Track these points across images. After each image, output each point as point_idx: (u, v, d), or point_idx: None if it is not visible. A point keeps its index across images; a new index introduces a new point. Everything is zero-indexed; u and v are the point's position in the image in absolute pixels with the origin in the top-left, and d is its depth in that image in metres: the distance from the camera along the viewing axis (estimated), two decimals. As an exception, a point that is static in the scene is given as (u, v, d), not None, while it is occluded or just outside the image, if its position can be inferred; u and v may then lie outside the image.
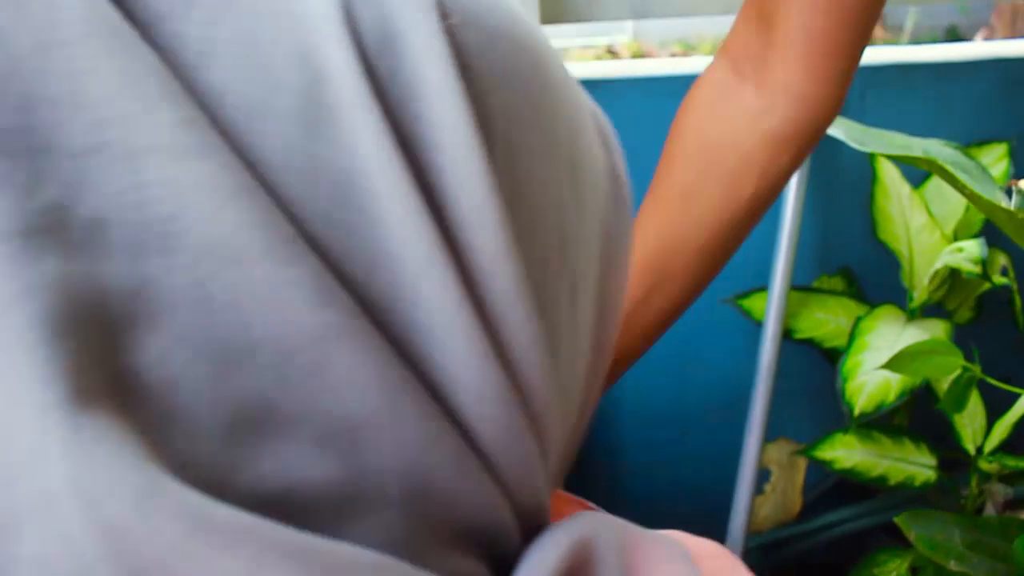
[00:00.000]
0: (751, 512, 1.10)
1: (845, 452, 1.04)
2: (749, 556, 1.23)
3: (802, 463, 1.20)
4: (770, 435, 1.13)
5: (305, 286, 0.19)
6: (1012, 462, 1.00)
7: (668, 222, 0.62)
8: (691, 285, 0.63)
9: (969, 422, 1.01)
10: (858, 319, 1.01)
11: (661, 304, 0.63)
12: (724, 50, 0.62)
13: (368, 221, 0.20)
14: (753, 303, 1.06)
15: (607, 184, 0.29)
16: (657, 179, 0.64)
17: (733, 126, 0.60)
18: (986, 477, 1.06)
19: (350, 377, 0.19)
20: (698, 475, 1.22)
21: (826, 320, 1.06)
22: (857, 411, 0.92)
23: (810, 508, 1.22)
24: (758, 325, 1.05)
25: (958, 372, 0.85)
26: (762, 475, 1.19)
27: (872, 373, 0.92)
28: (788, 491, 1.19)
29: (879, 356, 0.89)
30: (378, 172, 0.20)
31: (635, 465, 1.25)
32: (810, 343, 1.06)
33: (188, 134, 0.19)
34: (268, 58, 0.20)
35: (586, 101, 0.29)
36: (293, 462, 0.19)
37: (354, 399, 0.19)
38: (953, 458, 1.08)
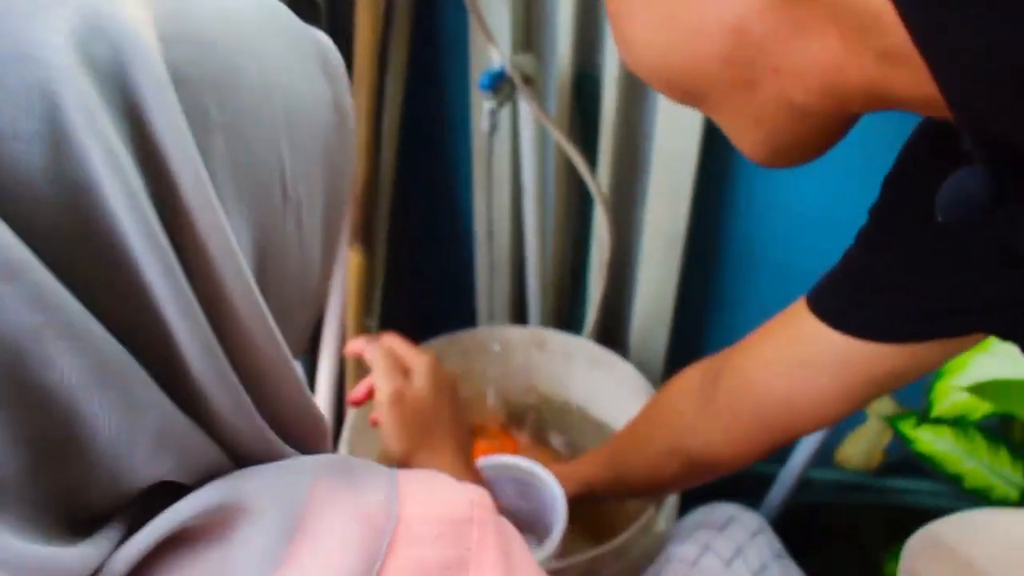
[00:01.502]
0: (823, 443, 1.10)
1: (932, 436, 1.01)
2: (810, 485, 1.25)
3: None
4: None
5: (23, 296, 0.25)
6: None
7: (620, 453, 0.83)
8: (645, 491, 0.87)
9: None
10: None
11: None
12: (702, 366, 0.74)
13: (101, 219, 0.26)
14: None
15: (329, 116, 0.36)
16: (629, 424, 0.83)
17: (674, 427, 0.75)
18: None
19: (68, 363, 0.25)
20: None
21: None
22: (934, 413, 0.89)
23: (892, 466, 1.21)
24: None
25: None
26: (858, 417, 1.18)
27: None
28: (874, 442, 1.18)
29: (977, 370, 0.85)
30: (107, 177, 0.26)
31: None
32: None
33: None
34: (14, 94, 0.25)
35: (306, 46, 0.36)
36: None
37: (69, 378, 0.26)
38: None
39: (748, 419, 0.68)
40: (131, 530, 0.28)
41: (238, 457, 0.32)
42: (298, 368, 0.37)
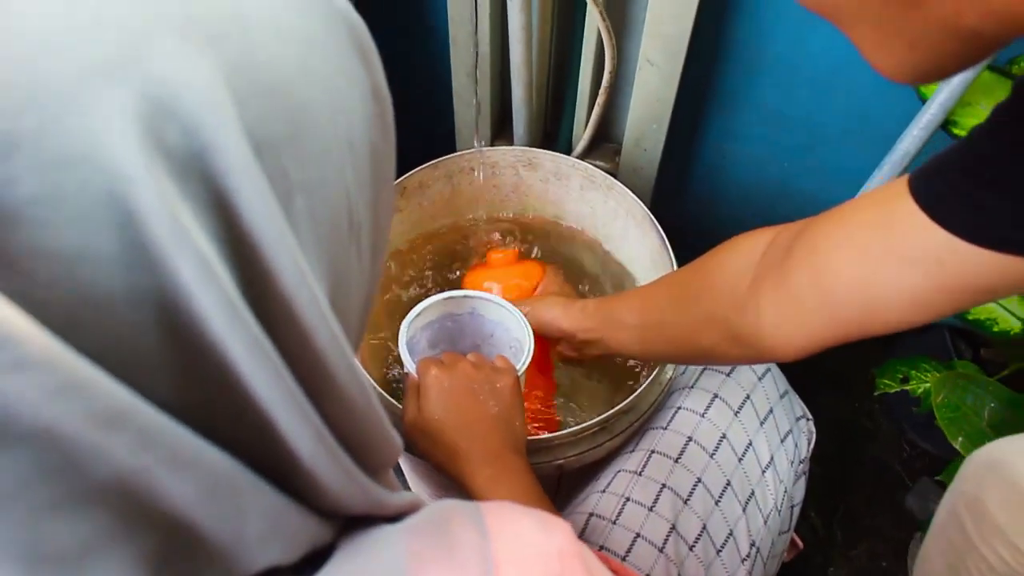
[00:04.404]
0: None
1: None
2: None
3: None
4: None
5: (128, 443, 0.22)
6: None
7: (652, 309, 0.78)
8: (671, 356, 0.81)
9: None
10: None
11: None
12: (775, 231, 0.65)
13: (200, 337, 0.22)
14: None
15: (371, 106, 0.32)
16: (667, 278, 0.79)
17: (724, 296, 0.67)
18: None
19: (179, 491, 0.23)
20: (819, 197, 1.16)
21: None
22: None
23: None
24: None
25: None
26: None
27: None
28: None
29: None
30: (202, 291, 0.22)
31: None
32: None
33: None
34: (77, 205, 0.20)
35: (341, 30, 0.30)
36: None
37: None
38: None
39: (813, 307, 0.59)
40: None
41: (335, 514, 0.31)
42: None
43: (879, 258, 0.53)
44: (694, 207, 1.33)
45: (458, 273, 1.09)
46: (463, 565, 0.33)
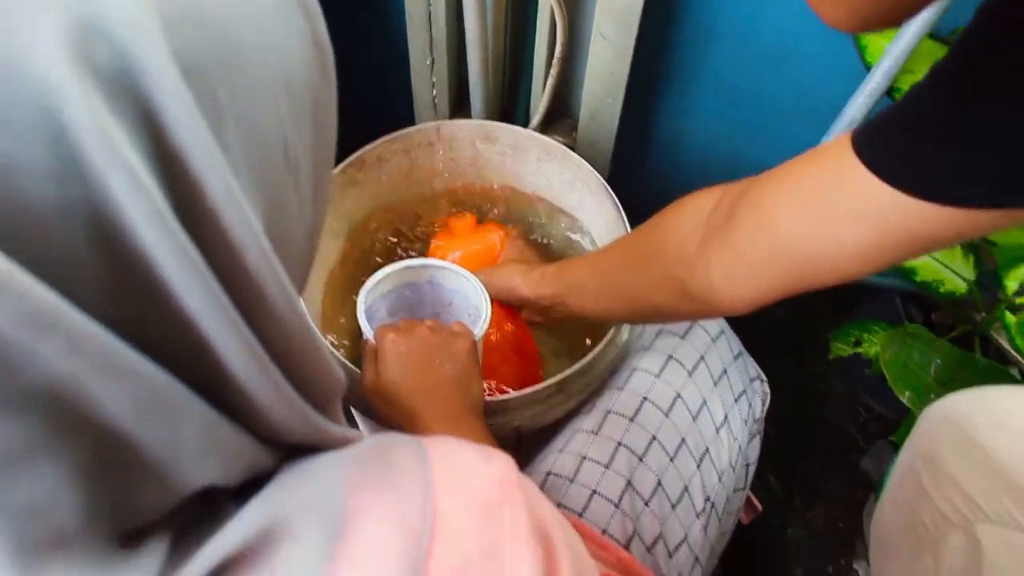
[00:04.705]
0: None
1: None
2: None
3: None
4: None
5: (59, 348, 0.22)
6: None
7: (607, 270, 0.80)
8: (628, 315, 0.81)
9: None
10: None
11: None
12: (721, 190, 0.67)
13: (130, 249, 0.23)
14: (872, 43, 0.94)
15: (311, 53, 0.33)
16: (620, 241, 0.80)
17: (674, 256, 0.68)
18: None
19: (112, 400, 0.24)
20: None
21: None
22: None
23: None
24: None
25: None
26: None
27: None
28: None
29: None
30: (131, 202, 0.23)
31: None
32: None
33: None
34: (10, 117, 0.21)
35: None
36: None
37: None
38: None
39: (760, 263, 0.60)
40: (176, 541, 0.29)
41: (276, 441, 0.32)
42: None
43: (822, 214, 0.55)
44: (652, 182, 1.35)
45: (418, 246, 1.10)
46: (402, 489, 0.34)
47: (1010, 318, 0.95)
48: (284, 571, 0.30)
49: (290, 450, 0.34)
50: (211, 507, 0.31)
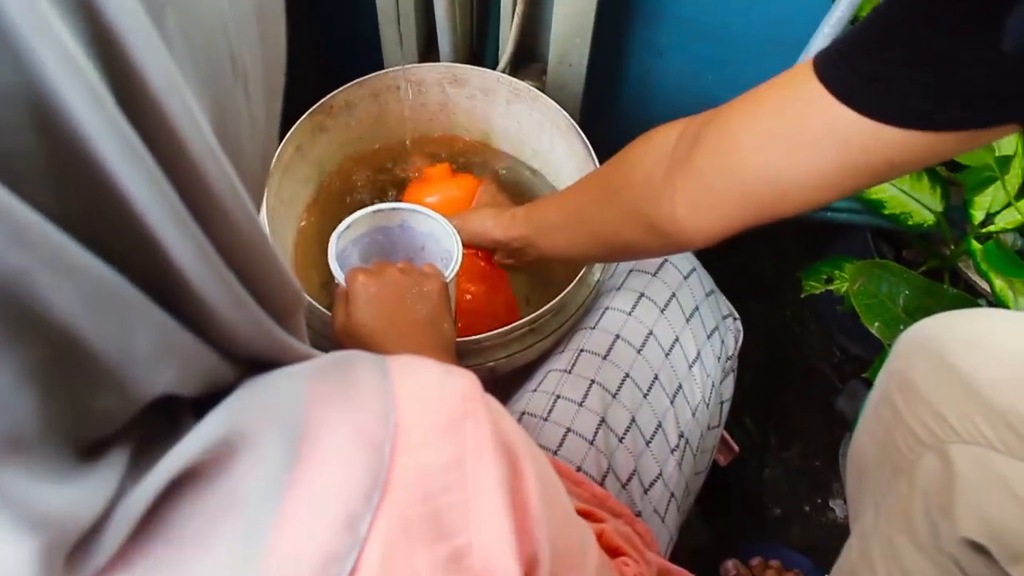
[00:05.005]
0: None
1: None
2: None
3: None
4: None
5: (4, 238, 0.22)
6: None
7: (577, 208, 0.79)
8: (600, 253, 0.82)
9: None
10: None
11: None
12: (685, 123, 0.66)
13: (69, 134, 0.22)
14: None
15: None
16: (587, 178, 0.82)
17: (640, 189, 0.68)
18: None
19: (61, 297, 0.23)
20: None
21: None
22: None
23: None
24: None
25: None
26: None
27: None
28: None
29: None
30: (67, 84, 0.22)
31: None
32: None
33: None
34: None
35: None
36: None
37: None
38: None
39: (724, 191, 0.60)
40: (136, 454, 0.29)
41: (235, 353, 0.31)
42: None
43: (785, 141, 0.55)
44: (623, 123, 1.34)
45: (392, 194, 1.09)
46: (363, 402, 0.33)
47: (976, 246, 0.96)
48: (244, 482, 0.30)
49: (252, 366, 0.34)
50: (171, 420, 0.31)
